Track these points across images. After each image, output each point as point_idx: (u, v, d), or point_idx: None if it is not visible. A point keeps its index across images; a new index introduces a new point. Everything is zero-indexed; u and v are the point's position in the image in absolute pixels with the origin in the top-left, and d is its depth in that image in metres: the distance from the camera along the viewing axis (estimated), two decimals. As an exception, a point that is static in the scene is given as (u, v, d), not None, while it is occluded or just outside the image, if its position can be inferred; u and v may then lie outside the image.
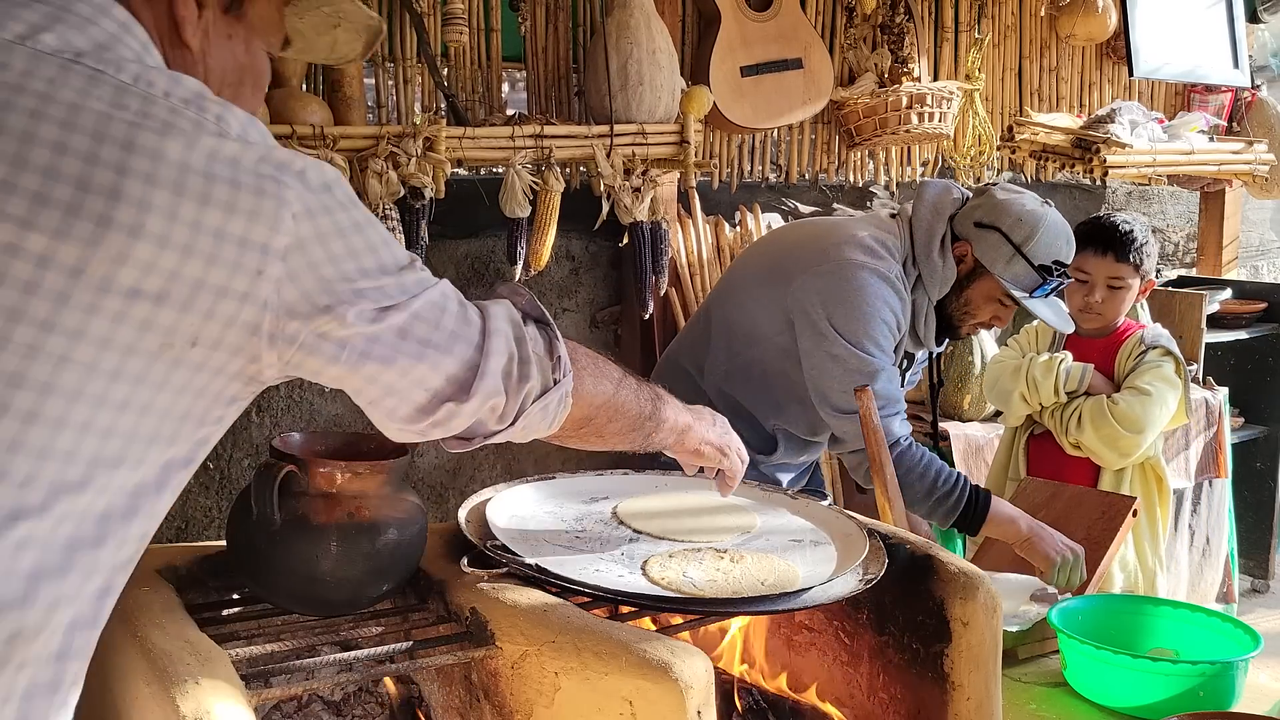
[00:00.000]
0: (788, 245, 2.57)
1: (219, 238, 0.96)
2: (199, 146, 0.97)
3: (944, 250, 2.41)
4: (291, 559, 1.41)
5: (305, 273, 1.02)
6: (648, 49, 3.00)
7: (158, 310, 0.95)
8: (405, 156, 2.65)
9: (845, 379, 2.32)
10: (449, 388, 1.15)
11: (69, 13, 1.02)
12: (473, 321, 1.18)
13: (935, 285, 2.42)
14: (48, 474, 0.92)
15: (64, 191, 0.92)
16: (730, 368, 2.52)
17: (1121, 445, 2.78)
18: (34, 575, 0.92)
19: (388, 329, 1.09)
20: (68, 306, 0.92)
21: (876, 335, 2.33)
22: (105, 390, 0.94)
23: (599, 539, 1.67)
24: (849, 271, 2.35)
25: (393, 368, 1.11)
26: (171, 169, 0.95)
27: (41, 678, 0.95)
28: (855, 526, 1.71)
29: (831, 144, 3.78)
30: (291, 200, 1.00)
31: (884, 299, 2.35)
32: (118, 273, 0.93)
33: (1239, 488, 4.22)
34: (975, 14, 3.97)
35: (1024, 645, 2.16)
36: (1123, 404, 2.78)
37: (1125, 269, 2.82)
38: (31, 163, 0.92)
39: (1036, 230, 2.34)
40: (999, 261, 2.36)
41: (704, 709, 1.25)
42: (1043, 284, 2.35)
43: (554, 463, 3.63)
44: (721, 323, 2.55)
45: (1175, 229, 5.27)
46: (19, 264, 0.91)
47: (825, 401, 2.37)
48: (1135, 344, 2.87)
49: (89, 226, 0.92)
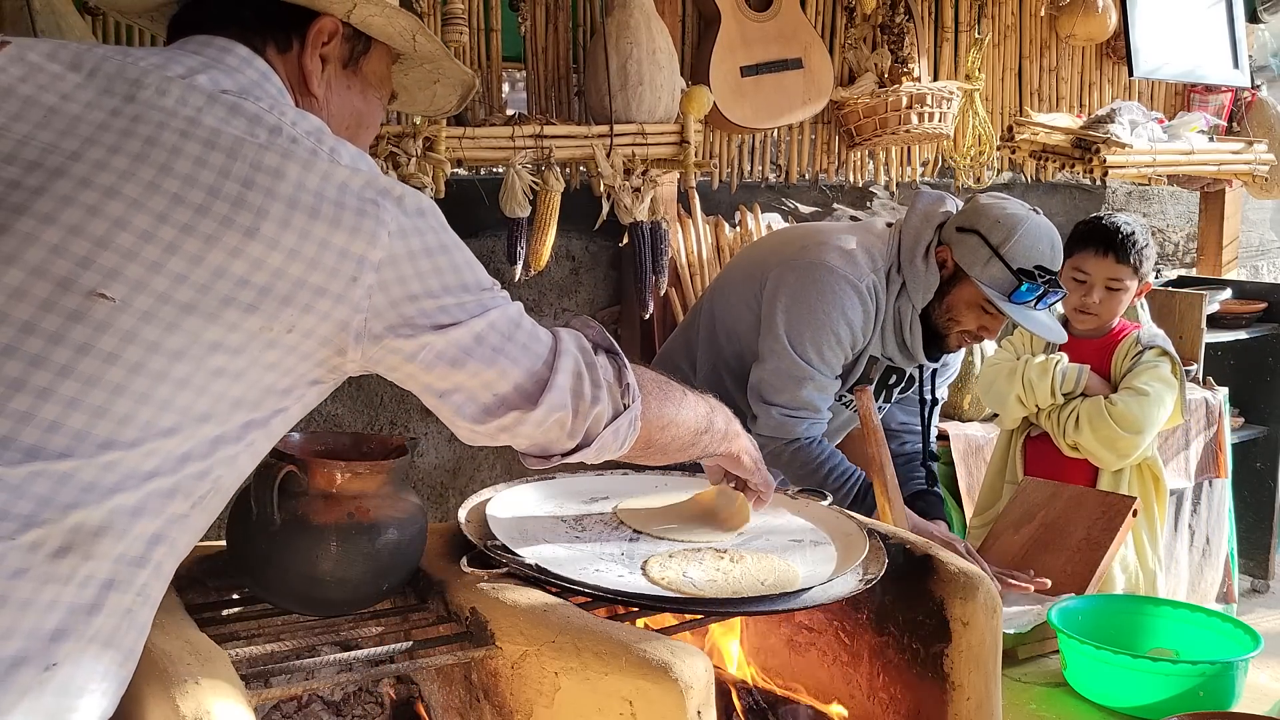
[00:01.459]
0: (774, 243, 2.61)
1: (323, 246, 1.14)
2: (314, 169, 1.16)
3: (927, 256, 2.39)
4: (291, 559, 1.41)
5: (395, 284, 1.18)
6: (648, 49, 3.00)
7: (262, 299, 1.12)
8: (405, 156, 2.65)
9: (774, 375, 2.39)
10: (516, 395, 1.28)
11: (221, 63, 1.24)
12: (544, 340, 1.31)
13: (918, 291, 2.40)
14: (143, 415, 1.08)
15: (197, 196, 1.11)
16: (716, 362, 2.56)
17: (1120, 446, 2.78)
18: (112, 490, 1.07)
19: (464, 335, 1.23)
20: (184, 285, 1.09)
21: (820, 344, 2.36)
22: (204, 356, 1.10)
23: (599, 539, 1.67)
24: (818, 273, 2.37)
25: (463, 370, 1.24)
26: (289, 185, 1.14)
27: (102, 574, 1.08)
28: (855, 526, 1.71)
29: (831, 144, 3.79)
30: (388, 221, 1.18)
31: (842, 308, 2.35)
32: (231, 264, 1.11)
33: (1239, 488, 4.22)
34: (975, 14, 3.97)
35: (1024, 645, 2.16)
36: (1120, 405, 2.77)
37: (1124, 270, 2.82)
38: (175, 171, 1.12)
39: (1014, 233, 2.30)
40: (977, 264, 2.32)
41: (704, 709, 1.25)
42: (1019, 287, 2.28)
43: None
44: (709, 318, 2.60)
45: (1175, 229, 5.27)
46: (150, 248, 1.09)
47: (752, 384, 2.43)
48: (1131, 344, 2.87)
49: (213, 225, 1.11)
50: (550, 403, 1.29)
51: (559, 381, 1.30)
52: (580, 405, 1.32)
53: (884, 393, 2.59)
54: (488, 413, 1.27)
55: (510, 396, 1.28)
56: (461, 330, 1.23)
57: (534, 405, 1.28)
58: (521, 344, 1.28)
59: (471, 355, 1.24)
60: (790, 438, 2.41)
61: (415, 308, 1.20)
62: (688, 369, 2.61)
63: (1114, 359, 2.88)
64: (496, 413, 1.27)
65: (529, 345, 1.29)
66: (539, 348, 1.30)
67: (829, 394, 2.43)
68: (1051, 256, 2.33)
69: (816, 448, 2.41)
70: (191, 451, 1.12)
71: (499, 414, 1.28)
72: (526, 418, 1.28)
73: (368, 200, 1.17)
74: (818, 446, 2.41)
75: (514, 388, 1.27)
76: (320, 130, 1.21)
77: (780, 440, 2.42)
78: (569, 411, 1.31)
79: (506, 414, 1.28)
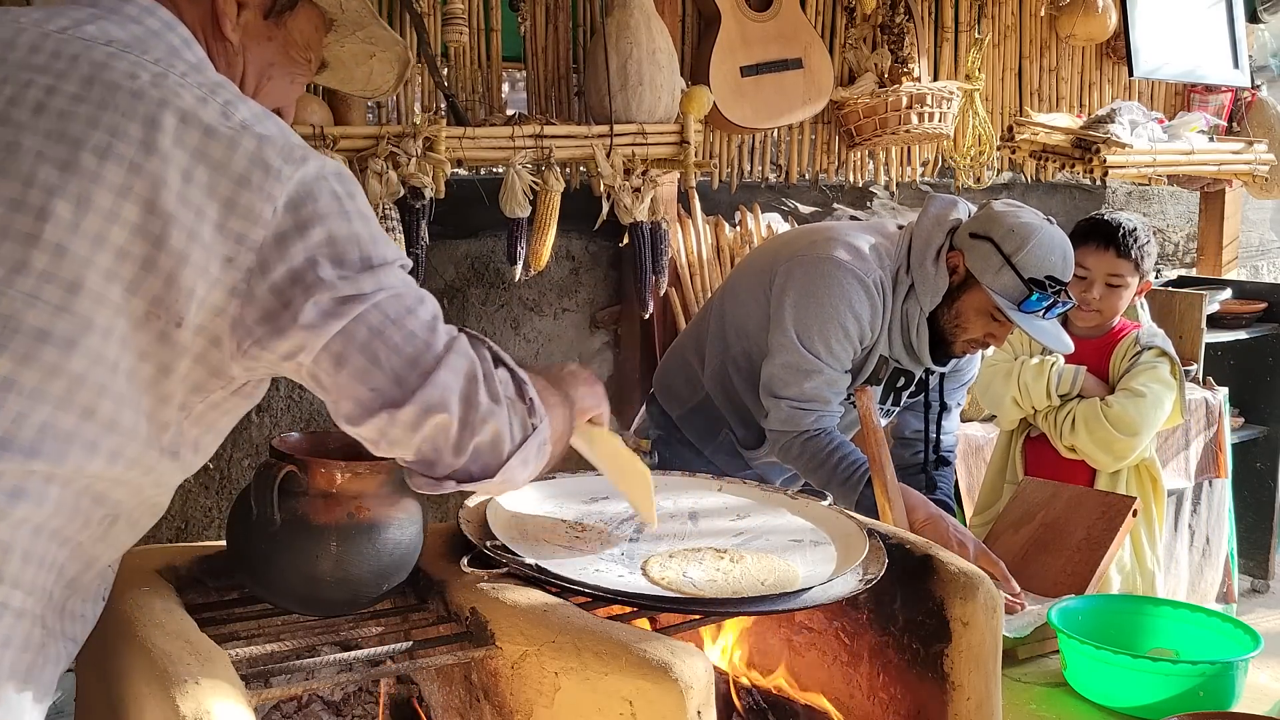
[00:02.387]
0: (784, 240, 2.63)
1: (199, 215, 1.03)
2: (195, 119, 1.05)
3: (938, 260, 2.39)
4: (291, 559, 1.41)
5: (279, 264, 1.07)
6: (648, 49, 3.00)
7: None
8: (405, 156, 2.65)
9: (783, 369, 2.39)
10: (391, 389, 1.14)
11: (115, 13, 1.14)
12: (439, 333, 1.17)
13: (927, 294, 2.39)
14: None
15: (61, 151, 1.02)
16: (725, 359, 2.56)
17: (1116, 448, 2.78)
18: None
19: (348, 318, 1.10)
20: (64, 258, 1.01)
21: (829, 337, 2.36)
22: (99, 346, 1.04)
23: (599, 539, 1.67)
24: (826, 266, 2.38)
25: (345, 367, 1.12)
26: (166, 136, 1.03)
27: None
28: (855, 526, 1.71)
29: (831, 144, 3.79)
30: (277, 194, 1.05)
31: (850, 302, 2.35)
32: (109, 230, 1.02)
33: (1239, 488, 4.22)
34: (975, 14, 3.97)
35: (1024, 645, 2.16)
36: (1116, 406, 2.77)
37: (1125, 266, 2.81)
38: (50, 109, 1.03)
39: (1028, 242, 2.29)
40: (988, 272, 2.32)
41: (704, 709, 1.25)
42: (1029, 297, 2.28)
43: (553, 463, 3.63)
44: (719, 316, 2.60)
45: (1175, 229, 5.27)
46: (20, 217, 1.01)
47: (763, 380, 2.44)
48: (1130, 344, 2.86)
49: (82, 182, 1.01)
50: (425, 400, 1.14)
51: (441, 378, 1.15)
52: (470, 416, 1.17)
53: (892, 396, 2.59)
54: (363, 409, 1.14)
55: (385, 389, 1.13)
56: (346, 315, 1.10)
57: (407, 400, 1.13)
58: (409, 330, 1.14)
59: (351, 340, 1.11)
60: (799, 430, 2.40)
61: (299, 288, 1.08)
62: (697, 366, 2.63)
63: (1113, 359, 2.87)
64: (371, 409, 1.14)
65: (417, 333, 1.15)
66: (432, 338, 1.16)
67: (839, 388, 2.43)
68: (1063, 268, 2.32)
69: (825, 438, 2.41)
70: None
71: (373, 411, 1.14)
72: (396, 416, 1.14)
73: (257, 165, 1.05)
74: (826, 437, 2.41)
75: (390, 379, 1.13)
76: (220, 84, 1.11)
77: (790, 433, 2.42)
78: (453, 418, 1.16)
79: (379, 412, 1.14)
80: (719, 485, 1.92)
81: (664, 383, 2.73)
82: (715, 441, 2.62)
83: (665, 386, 2.72)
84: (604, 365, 3.70)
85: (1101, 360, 2.89)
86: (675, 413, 2.66)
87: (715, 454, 2.62)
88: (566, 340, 3.64)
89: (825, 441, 2.40)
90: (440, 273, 3.41)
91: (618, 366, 3.70)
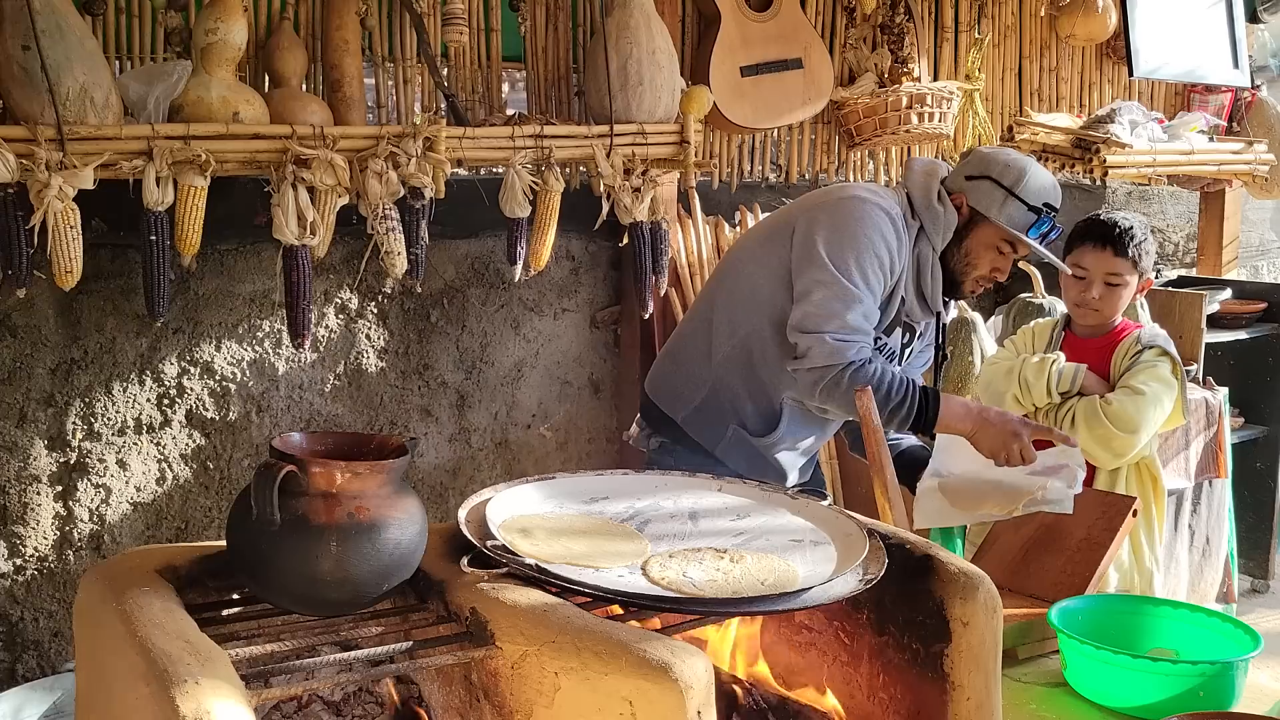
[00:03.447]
0: (790, 207, 2.68)
1: None
2: None
3: (942, 200, 2.53)
4: (291, 559, 1.41)
5: None
6: (648, 49, 3.00)
7: None
8: (405, 156, 2.65)
9: (822, 304, 2.40)
10: None
11: None
12: None
13: (938, 233, 2.52)
14: None
15: None
16: (735, 342, 2.55)
17: (1115, 445, 2.78)
18: None
19: None
20: None
21: (865, 265, 2.43)
22: None
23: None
24: (852, 204, 2.49)
25: None
26: None
27: None
28: (855, 526, 1.71)
29: (831, 144, 3.79)
30: None
31: (880, 229, 2.46)
32: None
33: (1239, 488, 4.22)
34: (975, 14, 3.97)
35: (1024, 645, 2.16)
36: (1116, 404, 2.77)
37: (1123, 265, 2.81)
38: None
39: (1025, 173, 2.48)
40: (993, 206, 2.48)
41: (704, 709, 1.25)
42: (1036, 221, 2.47)
43: (553, 463, 3.64)
44: (724, 301, 2.59)
45: (1175, 229, 5.27)
46: None
47: (796, 321, 2.44)
48: (1131, 344, 2.86)
49: None
50: None
51: None
52: None
53: (898, 356, 2.62)
54: None
55: None
56: None
57: None
58: None
59: None
60: (845, 362, 2.39)
61: None
62: (701, 359, 2.60)
63: (1114, 358, 2.87)
64: None
65: None
66: None
67: (874, 320, 2.48)
68: (1055, 195, 2.52)
69: (870, 367, 2.42)
70: None
71: None
72: None
73: None
74: (871, 365, 2.42)
75: None
76: None
77: (837, 366, 2.40)
78: None
79: None
80: (719, 485, 1.92)
81: (662, 387, 2.68)
82: (725, 439, 2.57)
83: (664, 390, 2.67)
84: (603, 365, 3.70)
85: (1104, 360, 2.88)
86: (679, 415, 2.61)
87: (726, 453, 2.56)
88: (566, 340, 3.65)
89: (872, 370, 2.41)
90: (440, 273, 3.41)
91: (617, 367, 3.70)
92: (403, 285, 3.31)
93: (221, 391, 3.13)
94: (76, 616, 1.55)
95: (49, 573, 2.99)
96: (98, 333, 2.97)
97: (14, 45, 2.30)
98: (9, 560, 2.94)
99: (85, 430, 2.98)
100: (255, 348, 3.17)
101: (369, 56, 2.94)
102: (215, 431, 3.13)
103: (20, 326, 2.89)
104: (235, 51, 2.56)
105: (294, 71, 2.74)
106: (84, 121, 2.36)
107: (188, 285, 3.05)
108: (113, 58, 2.64)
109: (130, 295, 2.97)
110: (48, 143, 2.32)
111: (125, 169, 2.43)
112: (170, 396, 3.07)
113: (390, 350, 3.36)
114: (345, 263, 3.25)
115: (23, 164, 2.31)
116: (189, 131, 2.46)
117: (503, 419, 3.57)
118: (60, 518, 2.99)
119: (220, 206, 2.64)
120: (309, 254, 2.61)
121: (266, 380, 3.19)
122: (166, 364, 3.07)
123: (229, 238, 3.05)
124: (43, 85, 2.31)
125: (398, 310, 3.37)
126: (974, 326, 3.68)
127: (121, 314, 2.99)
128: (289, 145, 2.54)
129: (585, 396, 3.70)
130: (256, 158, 2.55)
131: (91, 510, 3.02)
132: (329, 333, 3.26)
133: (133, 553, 1.59)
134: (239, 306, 3.14)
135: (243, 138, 2.52)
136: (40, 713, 2.69)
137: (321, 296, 3.23)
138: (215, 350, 3.12)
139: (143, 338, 3.03)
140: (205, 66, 2.53)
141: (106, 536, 3.04)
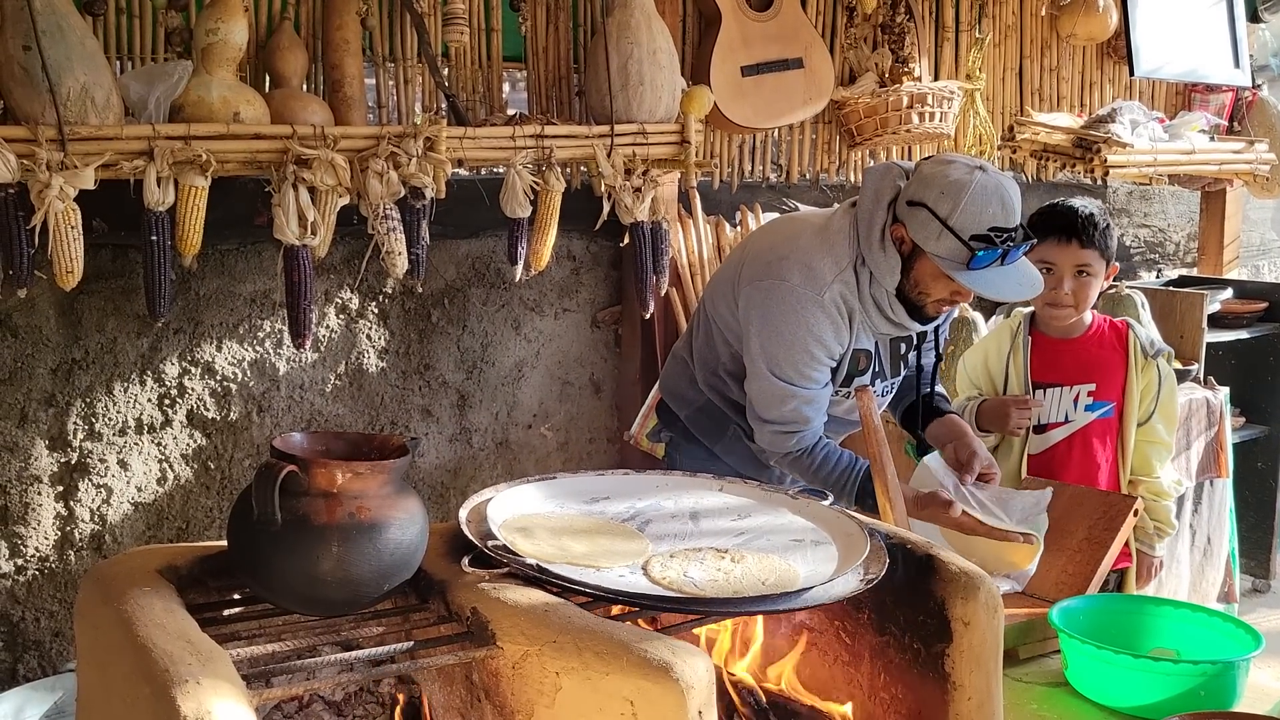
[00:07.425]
0: (751, 250, 2.56)
1: None
2: None
3: (884, 240, 2.36)
4: (292, 559, 1.41)
5: None
6: (648, 49, 3.00)
7: None
8: (406, 156, 2.65)
9: (760, 395, 2.45)
10: None
11: None
12: None
13: (884, 276, 2.37)
14: None
15: None
16: (720, 359, 2.58)
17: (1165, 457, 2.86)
18: None
19: None
20: None
21: (797, 363, 2.38)
22: None
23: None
24: (780, 292, 2.38)
25: None
26: None
27: None
28: (856, 526, 1.71)
29: (832, 144, 3.79)
30: None
31: (809, 326, 2.36)
32: None
33: (1240, 487, 4.22)
34: (976, 14, 3.97)
35: (1025, 645, 2.16)
36: (1160, 430, 2.82)
37: (1091, 254, 2.69)
38: None
39: (959, 201, 2.23)
40: (930, 239, 2.27)
41: (705, 709, 1.25)
42: (974, 256, 2.23)
43: (554, 463, 3.64)
44: (707, 321, 2.62)
45: (1176, 229, 5.27)
46: None
47: (748, 401, 2.49)
48: (1139, 356, 2.81)
49: None
50: None
51: None
52: None
53: (902, 362, 2.60)
54: None
55: None
56: None
57: None
58: None
59: None
60: (784, 452, 2.46)
61: None
62: (693, 368, 2.65)
63: (1129, 374, 2.78)
64: None
65: None
66: None
67: (819, 403, 2.45)
68: (1004, 215, 2.25)
69: (807, 458, 2.46)
70: None
71: None
72: None
73: None
74: (808, 456, 2.45)
75: None
76: None
77: (777, 453, 2.49)
78: None
79: None
80: (720, 485, 1.92)
81: (668, 386, 2.75)
82: (725, 439, 2.62)
83: (670, 389, 2.74)
84: (604, 365, 3.70)
85: (1106, 360, 2.82)
86: (683, 413, 2.67)
87: (727, 451, 2.62)
88: (567, 340, 3.65)
89: (807, 462, 2.46)
90: (441, 273, 3.41)
91: (618, 366, 3.71)
92: (403, 285, 3.31)
93: (222, 392, 3.13)
94: (77, 616, 1.55)
95: (50, 573, 2.99)
96: (99, 333, 2.98)
97: (15, 45, 2.30)
98: (10, 560, 2.94)
99: (86, 430, 2.98)
100: (256, 348, 3.17)
101: (369, 56, 2.94)
102: (216, 431, 3.13)
103: (21, 327, 2.89)
104: (236, 51, 2.57)
105: (294, 71, 2.74)
106: (85, 122, 2.36)
107: (189, 285, 3.05)
108: (113, 58, 2.64)
109: (131, 295, 2.97)
110: (49, 143, 2.32)
111: (126, 169, 2.43)
112: (171, 396, 3.07)
113: (391, 350, 3.36)
114: (346, 263, 3.25)
115: (24, 164, 2.31)
116: (190, 132, 2.46)
117: (503, 419, 3.57)
118: (61, 518, 2.99)
119: (221, 206, 2.64)
120: (310, 254, 2.61)
121: (267, 380, 3.19)
122: (167, 364, 3.07)
123: (230, 238, 3.05)
124: (43, 85, 2.31)
125: (398, 310, 3.37)
126: (974, 326, 3.68)
127: (122, 314, 2.99)
128: (290, 145, 2.54)
129: (586, 396, 3.70)
130: (257, 158, 2.55)
131: (93, 510, 3.02)
132: (330, 333, 3.26)
133: (134, 553, 1.59)
134: (240, 307, 3.14)
135: (243, 138, 2.52)
136: (41, 713, 2.69)
137: (322, 296, 3.23)
138: (216, 350, 3.12)
139: (144, 338, 3.03)
140: (206, 67, 2.53)
141: (107, 536, 3.04)
